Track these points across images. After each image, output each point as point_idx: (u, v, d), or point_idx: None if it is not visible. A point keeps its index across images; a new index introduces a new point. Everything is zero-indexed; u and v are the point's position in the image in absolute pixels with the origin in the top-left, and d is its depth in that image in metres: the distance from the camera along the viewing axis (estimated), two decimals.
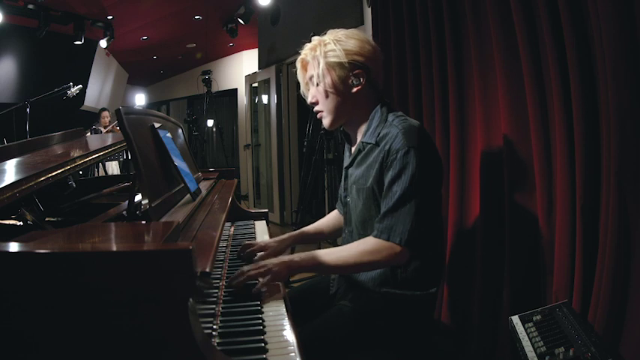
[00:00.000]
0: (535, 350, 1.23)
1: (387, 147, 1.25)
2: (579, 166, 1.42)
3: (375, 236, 1.24)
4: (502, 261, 1.79)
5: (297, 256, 1.22)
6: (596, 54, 1.34)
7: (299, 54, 1.39)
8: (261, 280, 1.12)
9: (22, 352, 0.64)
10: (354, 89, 1.32)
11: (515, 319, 1.39)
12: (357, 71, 1.31)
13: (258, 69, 6.12)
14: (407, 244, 1.20)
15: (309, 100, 1.40)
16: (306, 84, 1.41)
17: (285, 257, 1.22)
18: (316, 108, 1.39)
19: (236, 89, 8.20)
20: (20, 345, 0.63)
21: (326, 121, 1.39)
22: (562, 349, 1.18)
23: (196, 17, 6.28)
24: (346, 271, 1.34)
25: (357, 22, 3.66)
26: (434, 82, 2.24)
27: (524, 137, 1.70)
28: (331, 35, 1.34)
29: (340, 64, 1.30)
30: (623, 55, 1.20)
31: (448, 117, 2.15)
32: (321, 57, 1.31)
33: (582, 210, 1.42)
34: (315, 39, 1.35)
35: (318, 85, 1.35)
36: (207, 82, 6.26)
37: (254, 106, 6.70)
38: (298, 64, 1.42)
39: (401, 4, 2.49)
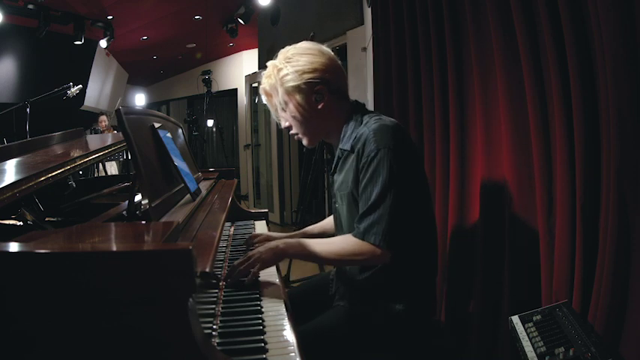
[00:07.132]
0: (535, 350, 1.23)
1: (359, 151, 1.25)
2: (579, 166, 1.42)
3: (354, 235, 1.24)
4: (502, 261, 1.79)
5: (282, 242, 1.25)
6: (596, 54, 1.34)
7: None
8: (252, 270, 1.19)
9: (22, 352, 0.64)
10: (320, 105, 1.32)
11: (515, 319, 1.39)
12: (317, 88, 1.30)
13: (258, 69, 6.13)
14: (383, 245, 1.19)
15: (283, 125, 1.41)
16: (276, 110, 1.41)
17: (271, 243, 1.25)
18: (291, 132, 1.41)
19: (236, 89, 8.20)
20: (20, 345, 0.64)
21: (305, 142, 1.41)
22: (562, 349, 1.18)
23: (196, 17, 6.29)
24: (328, 263, 1.39)
25: (357, 22, 3.67)
26: (434, 83, 2.24)
27: (524, 137, 1.70)
28: (282, 56, 1.33)
29: (298, 88, 1.29)
30: (623, 55, 1.20)
31: (448, 117, 2.15)
32: (278, 85, 1.31)
33: (582, 210, 1.41)
34: (269, 64, 1.35)
35: (285, 110, 1.35)
36: (207, 82, 6.25)
37: (254, 106, 6.70)
38: (262, 94, 1.41)
39: (401, 4, 2.49)
